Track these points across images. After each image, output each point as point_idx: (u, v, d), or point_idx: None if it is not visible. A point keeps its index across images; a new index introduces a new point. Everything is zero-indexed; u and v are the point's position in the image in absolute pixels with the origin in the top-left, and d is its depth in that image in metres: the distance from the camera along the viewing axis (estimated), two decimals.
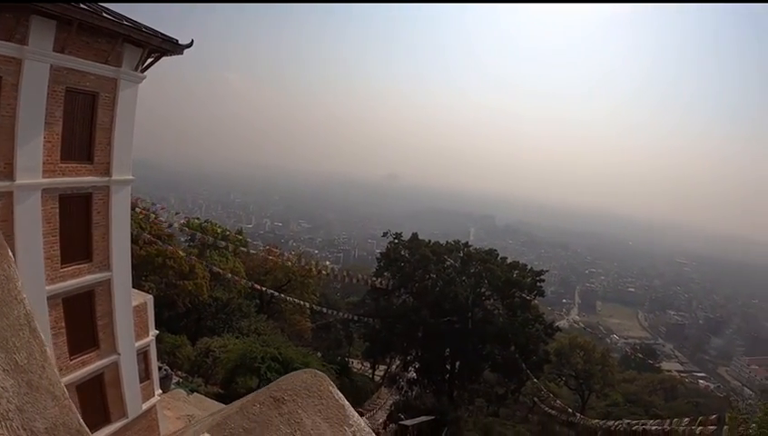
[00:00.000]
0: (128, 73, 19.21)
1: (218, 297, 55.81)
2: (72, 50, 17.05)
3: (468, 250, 62.36)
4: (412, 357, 62.36)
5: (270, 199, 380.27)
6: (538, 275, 61.27)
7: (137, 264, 40.75)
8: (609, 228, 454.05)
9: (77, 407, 18.09)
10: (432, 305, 57.17)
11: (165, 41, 19.74)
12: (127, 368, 22.06)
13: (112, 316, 20.82)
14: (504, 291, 59.24)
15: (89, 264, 19.50)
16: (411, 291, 60.52)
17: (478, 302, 59.17)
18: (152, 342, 24.97)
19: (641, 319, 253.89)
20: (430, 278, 59.86)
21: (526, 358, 57.72)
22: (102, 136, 18.95)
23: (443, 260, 60.67)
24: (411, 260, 60.12)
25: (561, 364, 69.49)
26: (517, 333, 57.12)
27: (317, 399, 3.30)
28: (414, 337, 59.20)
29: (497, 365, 58.41)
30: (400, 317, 58.19)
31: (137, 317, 23.02)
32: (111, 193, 19.61)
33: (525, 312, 59.29)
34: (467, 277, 59.65)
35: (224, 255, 58.38)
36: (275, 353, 36.69)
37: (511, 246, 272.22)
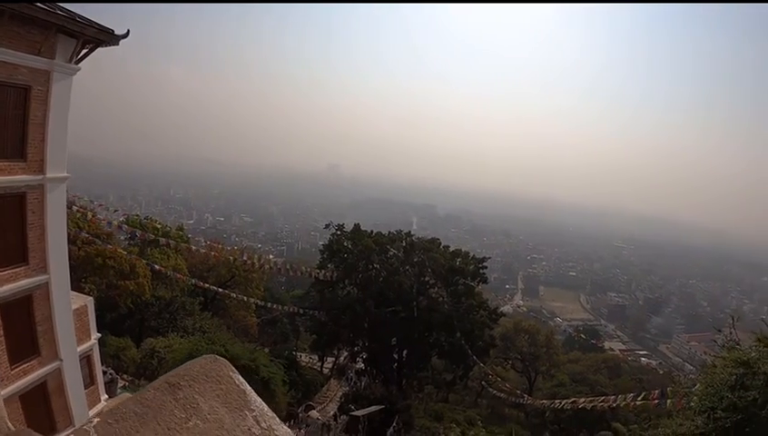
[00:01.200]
0: (62, 65, 18.43)
1: (161, 296, 54.91)
2: (2, 41, 16.27)
3: (411, 239, 62.54)
4: (359, 348, 62.32)
5: (210, 193, 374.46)
6: (481, 262, 61.97)
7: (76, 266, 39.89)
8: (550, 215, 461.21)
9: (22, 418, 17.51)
10: (377, 295, 57.19)
11: (101, 31, 18.99)
12: (70, 374, 21.39)
13: (51, 321, 20.09)
14: (447, 278, 59.65)
15: (25, 268, 18.79)
16: (355, 282, 60.30)
17: (423, 291, 59.34)
18: (94, 346, 24.48)
19: (583, 301, 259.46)
20: (374, 268, 59.87)
21: (472, 344, 58.21)
22: (35, 132, 18.13)
23: (386, 250, 60.62)
24: (354, 251, 59.85)
25: (507, 348, 70.57)
26: (462, 320, 57.60)
27: (215, 384, 3.23)
28: (360, 328, 59.03)
29: (444, 352, 58.84)
30: (346, 308, 57.94)
31: (78, 321, 22.45)
32: (46, 191, 18.84)
33: (469, 298, 59.84)
34: (411, 266, 59.81)
35: (166, 253, 57.32)
36: (221, 351, 36.02)
37: (454, 234, 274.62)
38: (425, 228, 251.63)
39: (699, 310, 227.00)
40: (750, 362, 12.96)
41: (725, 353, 14.03)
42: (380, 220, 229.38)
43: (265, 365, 37.43)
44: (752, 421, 12.42)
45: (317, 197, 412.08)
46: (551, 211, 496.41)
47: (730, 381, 13.03)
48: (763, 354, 13.09)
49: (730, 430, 12.66)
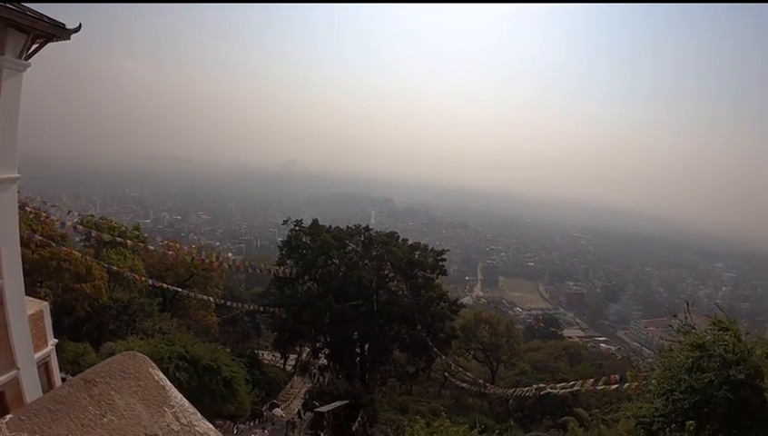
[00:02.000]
0: (11, 61, 17.69)
1: (118, 298, 53.81)
2: None
3: (369, 233, 62.40)
4: (321, 344, 62.07)
5: (167, 192, 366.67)
6: (440, 255, 62.18)
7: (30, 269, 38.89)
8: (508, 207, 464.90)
9: None
10: (337, 290, 56.95)
11: (52, 25, 18.24)
12: (28, 382, 20.58)
13: (6, 328, 19.36)
14: (407, 272, 59.73)
15: None
16: (315, 277, 59.81)
17: (382, 285, 59.42)
18: (52, 353, 23.91)
19: (542, 291, 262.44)
20: (333, 263, 59.60)
21: (433, 336, 58.55)
22: None
23: (345, 244, 60.49)
24: (313, 246, 59.45)
25: (468, 339, 70.98)
26: (423, 312, 57.82)
27: (134, 380, 3.15)
28: (321, 323, 58.79)
29: (406, 345, 59.04)
30: (306, 304, 57.57)
31: (34, 326, 21.82)
32: None
33: (429, 291, 60.09)
34: (370, 260, 59.84)
35: (122, 253, 56.29)
36: (182, 352, 35.52)
37: (412, 228, 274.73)
38: (383, 222, 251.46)
39: (655, 296, 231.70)
40: (705, 345, 13.27)
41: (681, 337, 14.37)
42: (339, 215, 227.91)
43: (227, 365, 37.03)
44: (709, 401, 12.71)
45: (275, 193, 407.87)
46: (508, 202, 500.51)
47: (687, 364, 13.32)
48: (718, 337, 13.40)
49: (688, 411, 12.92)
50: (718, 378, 12.39)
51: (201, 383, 33.77)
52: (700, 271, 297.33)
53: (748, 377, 12.23)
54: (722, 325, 13.71)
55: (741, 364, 12.35)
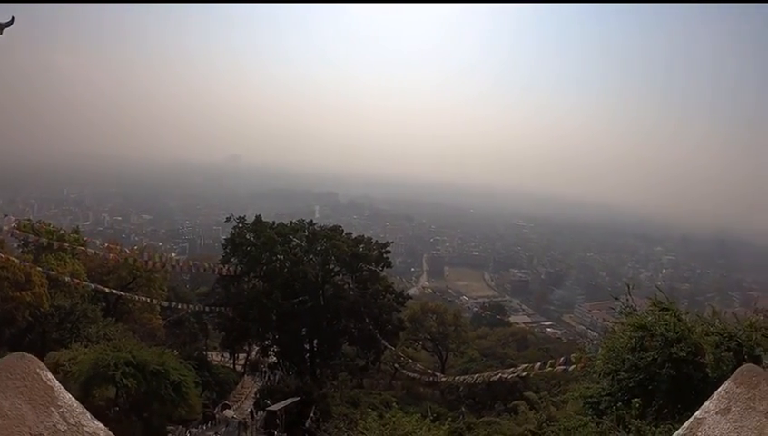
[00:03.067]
0: None
1: (60, 305, 52.28)
2: None
3: (313, 228, 62.39)
4: (270, 341, 61.69)
5: (107, 192, 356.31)
6: (384, 247, 62.32)
7: None
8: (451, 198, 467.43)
9: None
10: (283, 287, 56.65)
11: None
12: None
13: None
14: (352, 265, 59.75)
15: None
16: (260, 274, 59.47)
17: (328, 279, 59.46)
18: None
19: (487, 279, 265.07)
20: (278, 260, 59.24)
21: (381, 328, 58.83)
22: None
23: (289, 240, 60.09)
24: (257, 243, 58.85)
25: (416, 330, 71.37)
26: (370, 305, 58.07)
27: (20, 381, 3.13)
28: (268, 321, 58.33)
29: (354, 338, 59.21)
30: (252, 302, 57.09)
31: None
32: None
33: (374, 283, 60.25)
34: (315, 255, 59.73)
35: (62, 258, 54.88)
36: (128, 357, 34.71)
37: (356, 221, 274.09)
38: (328, 216, 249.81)
39: (598, 280, 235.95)
40: (647, 326, 13.68)
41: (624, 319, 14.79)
42: (283, 210, 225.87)
43: (175, 368, 36.37)
44: (653, 379, 13.11)
45: (217, 190, 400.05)
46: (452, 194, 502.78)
47: (630, 344, 13.72)
48: (659, 318, 13.83)
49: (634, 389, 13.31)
50: (661, 356, 12.79)
51: (150, 389, 33.22)
52: (640, 255, 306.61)
53: (689, 354, 12.65)
54: (662, 306, 14.17)
55: (682, 342, 12.76)
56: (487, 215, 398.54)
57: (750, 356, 12.76)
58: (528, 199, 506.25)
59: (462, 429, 34.06)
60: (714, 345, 12.94)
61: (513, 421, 35.41)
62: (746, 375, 3.19)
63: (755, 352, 12.99)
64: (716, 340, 13.06)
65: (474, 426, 35.92)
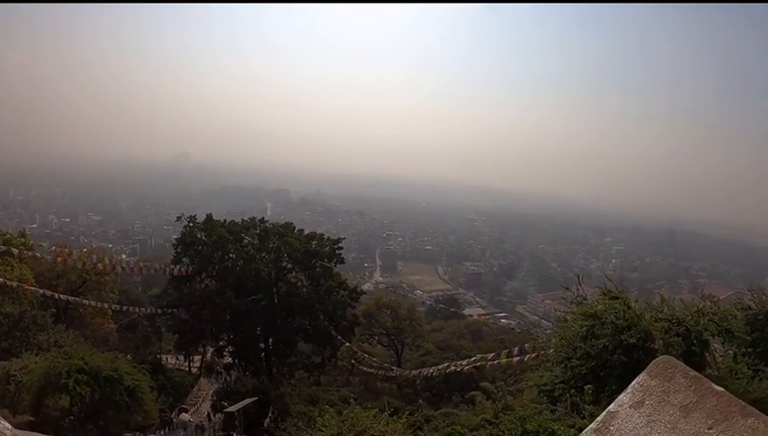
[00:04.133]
0: None
1: (9, 313, 50.67)
2: None
3: (265, 225, 61.89)
4: (224, 342, 61.04)
5: (54, 193, 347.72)
6: (336, 243, 62.21)
7: None
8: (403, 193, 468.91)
9: None
10: (235, 286, 56.15)
11: None
12: None
13: None
14: (304, 262, 59.49)
15: None
16: (212, 274, 58.73)
17: (281, 277, 59.16)
18: None
19: (441, 273, 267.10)
20: (230, 258, 58.55)
21: (335, 324, 58.71)
22: None
23: (241, 238, 59.31)
24: (208, 242, 58.10)
25: (371, 325, 71.42)
26: (323, 302, 57.89)
27: None
28: (222, 321, 57.88)
29: (309, 335, 58.89)
30: (205, 303, 56.55)
31: None
32: None
33: (328, 280, 60.05)
34: (267, 253, 59.24)
35: (9, 263, 53.51)
36: (81, 365, 33.94)
37: (308, 218, 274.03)
38: (280, 213, 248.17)
39: (550, 271, 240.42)
40: (598, 314, 13.99)
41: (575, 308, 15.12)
42: (234, 208, 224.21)
43: (129, 373, 35.75)
44: (605, 365, 13.43)
45: (167, 188, 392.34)
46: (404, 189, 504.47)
47: (581, 332, 14.03)
48: (609, 306, 14.17)
49: (586, 375, 13.63)
50: (612, 343, 13.12)
51: (105, 396, 32.63)
52: (591, 245, 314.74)
53: (639, 340, 12.98)
54: (612, 295, 14.51)
55: (632, 329, 13.10)
56: (439, 209, 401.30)
57: (698, 340, 13.17)
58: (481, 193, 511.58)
59: (421, 421, 34.30)
60: (664, 331, 13.29)
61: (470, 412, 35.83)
62: (661, 367, 3.20)
63: (703, 337, 13.40)
64: (665, 326, 13.41)
65: (432, 418, 36.22)
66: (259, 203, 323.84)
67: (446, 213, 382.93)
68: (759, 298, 17.09)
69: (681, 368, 3.15)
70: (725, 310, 15.38)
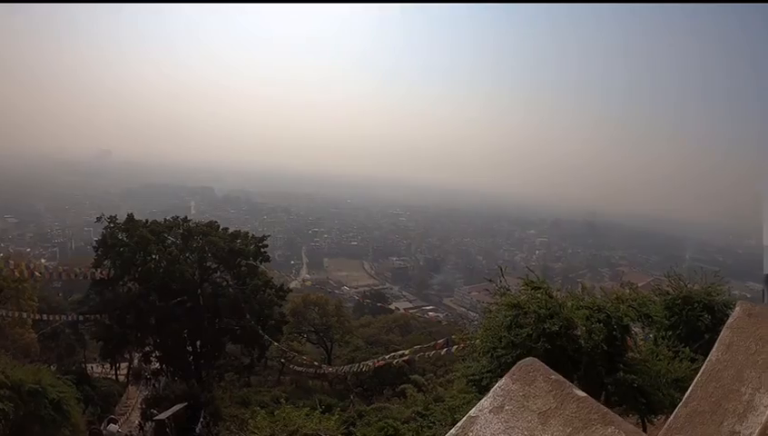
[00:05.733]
0: None
1: None
2: None
3: (188, 224, 60.63)
4: (151, 347, 59.80)
5: None
6: (261, 241, 61.50)
7: None
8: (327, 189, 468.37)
9: None
10: (159, 288, 55.02)
11: None
12: None
13: None
14: (229, 261, 58.73)
15: None
16: (135, 277, 57.01)
17: (206, 277, 58.30)
18: None
19: (367, 268, 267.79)
20: (153, 260, 57.02)
21: (263, 324, 58.32)
22: None
23: (164, 239, 57.96)
24: (130, 243, 56.33)
25: (299, 323, 71.39)
26: (250, 301, 57.34)
27: None
28: (147, 325, 56.34)
29: (237, 336, 58.17)
30: (129, 307, 54.85)
31: None
32: None
33: (253, 279, 59.48)
34: (191, 253, 58.32)
35: None
36: (1, 378, 32.88)
37: (233, 216, 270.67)
38: (204, 212, 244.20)
39: (475, 264, 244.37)
40: (521, 304, 14.45)
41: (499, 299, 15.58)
42: (157, 207, 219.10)
43: (53, 385, 34.43)
44: (529, 353, 13.78)
45: (88, 188, 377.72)
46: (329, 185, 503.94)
47: (505, 322, 14.47)
48: (532, 296, 14.67)
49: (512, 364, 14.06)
50: (535, 332, 13.57)
51: (29, 411, 31.55)
52: (515, 238, 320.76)
53: (562, 328, 13.48)
54: (534, 285, 15.02)
55: (554, 317, 13.59)
56: (364, 205, 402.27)
57: (619, 325, 13.79)
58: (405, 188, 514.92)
59: (353, 417, 34.58)
60: (585, 318, 13.82)
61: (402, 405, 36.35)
62: (524, 370, 3.12)
63: (624, 322, 14.04)
64: (586, 313, 13.94)
65: (365, 413, 36.53)
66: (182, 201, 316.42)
67: (371, 209, 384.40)
68: (676, 283, 18.20)
69: (543, 371, 3.07)
70: (644, 296, 16.23)
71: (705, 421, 3.23)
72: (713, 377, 3.43)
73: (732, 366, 3.44)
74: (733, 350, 3.52)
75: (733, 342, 3.56)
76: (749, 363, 3.41)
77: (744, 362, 3.42)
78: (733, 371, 3.41)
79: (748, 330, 3.58)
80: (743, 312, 3.70)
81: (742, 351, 3.49)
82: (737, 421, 3.16)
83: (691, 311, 16.80)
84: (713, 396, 3.32)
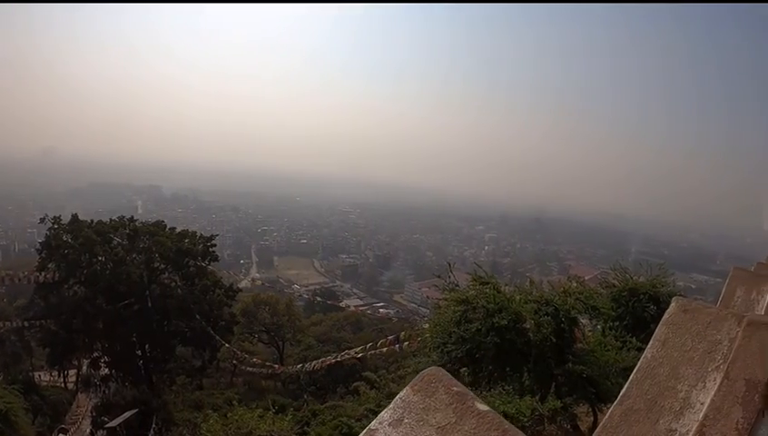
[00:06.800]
0: None
1: None
2: None
3: (135, 224, 59.40)
4: (99, 352, 58.84)
5: None
6: (209, 240, 60.92)
7: None
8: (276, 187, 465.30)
9: None
10: (106, 291, 53.96)
11: None
12: None
13: None
14: (177, 262, 58.02)
15: None
16: (81, 279, 55.85)
17: (154, 278, 57.40)
18: None
19: (317, 266, 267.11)
20: (98, 262, 55.78)
21: (213, 325, 57.87)
22: None
23: (110, 239, 57.02)
24: (75, 245, 55.21)
25: (250, 323, 70.81)
26: (199, 302, 56.89)
27: None
28: (95, 330, 55.33)
29: (187, 338, 57.68)
30: (75, 311, 53.72)
31: None
32: None
33: (202, 279, 59.01)
34: (138, 254, 57.23)
35: None
36: None
37: (181, 215, 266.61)
38: (151, 211, 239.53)
39: (425, 260, 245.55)
40: (469, 299, 14.73)
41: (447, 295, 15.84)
42: (104, 207, 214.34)
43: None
44: (479, 348, 14.14)
45: (31, 187, 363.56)
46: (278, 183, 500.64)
47: (455, 317, 14.73)
48: (480, 291, 14.95)
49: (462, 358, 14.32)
50: (484, 326, 13.84)
51: None
52: (464, 234, 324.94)
53: (510, 322, 13.78)
54: (482, 280, 15.32)
55: (503, 312, 13.88)
56: (313, 203, 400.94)
57: (566, 318, 14.14)
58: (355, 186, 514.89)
59: (307, 416, 34.57)
60: (534, 312, 14.16)
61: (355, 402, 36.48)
62: (426, 381, 2.90)
63: (571, 314, 14.41)
64: (535, 307, 14.28)
65: (319, 412, 36.52)
66: (129, 200, 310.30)
67: (320, 207, 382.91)
68: (622, 276, 18.85)
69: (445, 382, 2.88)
70: (591, 289, 16.80)
71: (641, 419, 3.24)
72: (648, 374, 3.47)
73: (667, 363, 3.48)
74: (668, 346, 3.57)
75: (669, 339, 3.60)
76: (684, 360, 3.46)
77: (680, 359, 3.47)
78: (669, 367, 3.45)
79: (684, 326, 3.63)
80: (679, 308, 3.76)
81: (677, 347, 3.54)
82: (673, 418, 3.19)
83: (637, 302, 17.35)
84: (649, 394, 3.35)
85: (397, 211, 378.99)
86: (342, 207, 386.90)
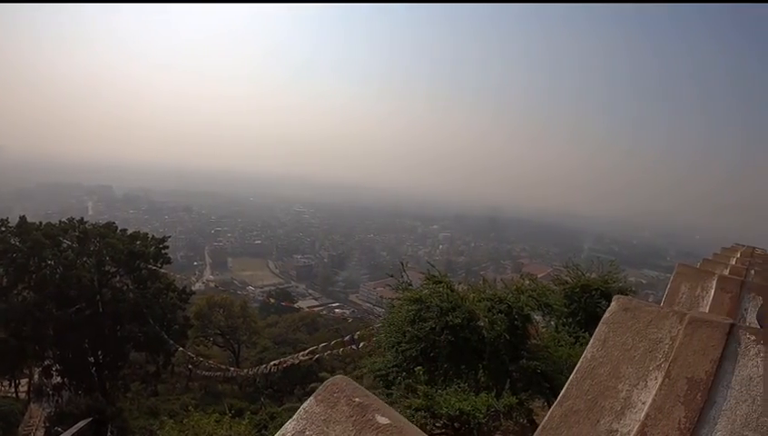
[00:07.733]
0: None
1: None
2: None
3: (84, 226, 57.81)
4: (50, 360, 57.51)
5: None
6: (161, 242, 59.92)
7: None
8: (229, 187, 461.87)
9: None
10: (56, 296, 52.74)
11: None
12: None
13: None
14: (129, 264, 56.93)
15: None
16: (30, 284, 54.41)
17: (105, 282, 56.26)
18: None
19: (272, 267, 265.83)
20: (48, 266, 54.69)
21: (167, 329, 57.19)
22: None
23: (59, 242, 55.46)
24: (23, 248, 53.47)
25: (204, 326, 70.07)
26: (152, 306, 56.02)
27: None
28: (45, 336, 53.72)
29: (140, 343, 56.66)
30: (24, 318, 51.99)
31: None
32: None
33: (155, 282, 58.18)
34: (88, 257, 56.06)
35: None
36: None
37: (133, 216, 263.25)
38: (102, 212, 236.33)
39: (380, 259, 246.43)
40: (423, 298, 14.89)
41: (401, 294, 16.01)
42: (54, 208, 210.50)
43: None
44: (434, 346, 14.32)
45: None
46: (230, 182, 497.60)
47: (409, 317, 14.89)
48: (433, 290, 15.13)
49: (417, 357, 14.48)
50: (438, 325, 14.01)
51: None
52: (418, 233, 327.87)
53: (464, 320, 13.96)
54: (435, 279, 15.51)
55: (456, 310, 14.06)
56: (267, 203, 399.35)
57: (520, 315, 14.40)
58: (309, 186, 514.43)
59: (265, 420, 34.50)
60: (487, 309, 14.37)
61: None
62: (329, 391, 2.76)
63: (524, 311, 14.68)
64: (488, 305, 14.49)
65: (277, 415, 36.46)
66: (79, 201, 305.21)
67: (274, 207, 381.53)
68: (574, 273, 19.21)
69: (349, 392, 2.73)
70: (543, 286, 17.08)
71: (581, 420, 3.21)
72: (588, 374, 3.43)
73: (608, 362, 3.46)
74: (608, 345, 3.55)
75: (609, 338, 3.59)
76: (625, 359, 3.45)
77: (621, 358, 3.46)
78: (610, 367, 3.43)
79: (624, 324, 3.62)
80: (619, 307, 3.75)
81: (618, 346, 3.52)
82: (614, 418, 3.17)
83: (589, 298, 17.74)
84: (589, 394, 3.32)
85: (351, 211, 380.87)
86: (296, 207, 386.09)
